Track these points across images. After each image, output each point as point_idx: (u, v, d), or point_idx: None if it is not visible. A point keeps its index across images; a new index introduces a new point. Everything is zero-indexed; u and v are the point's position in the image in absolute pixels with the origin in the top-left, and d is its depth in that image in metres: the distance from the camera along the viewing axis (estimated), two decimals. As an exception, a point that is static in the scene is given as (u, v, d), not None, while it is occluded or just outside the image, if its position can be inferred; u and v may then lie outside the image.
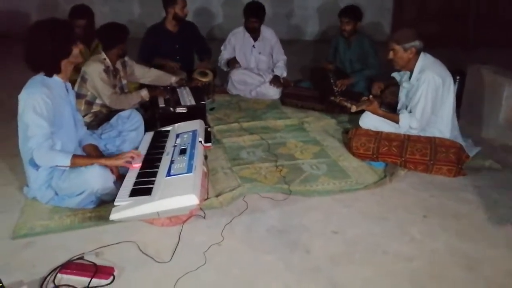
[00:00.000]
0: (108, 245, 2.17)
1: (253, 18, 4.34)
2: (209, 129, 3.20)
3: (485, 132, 3.53)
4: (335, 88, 3.92)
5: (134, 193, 2.16)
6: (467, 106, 3.76)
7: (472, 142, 3.22)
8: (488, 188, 2.80)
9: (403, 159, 2.97)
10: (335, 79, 4.05)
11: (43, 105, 2.26)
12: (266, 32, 4.49)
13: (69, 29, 2.43)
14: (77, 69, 2.97)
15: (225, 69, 4.54)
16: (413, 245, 2.26)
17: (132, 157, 2.44)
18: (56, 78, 2.41)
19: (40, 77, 2.37)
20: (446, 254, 2.19)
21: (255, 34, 4.46)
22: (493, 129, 3.47)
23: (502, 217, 2.50)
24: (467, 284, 2.00)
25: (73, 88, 2.72)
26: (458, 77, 3.81)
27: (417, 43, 2.96)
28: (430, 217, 2.50)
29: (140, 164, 2.44)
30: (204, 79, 3.98)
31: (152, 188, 2.18)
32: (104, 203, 2.49)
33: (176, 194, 2.07)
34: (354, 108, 3.19)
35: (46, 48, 2.30)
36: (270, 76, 4.41)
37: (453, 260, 2.15)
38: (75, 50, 2.40)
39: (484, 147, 3.25)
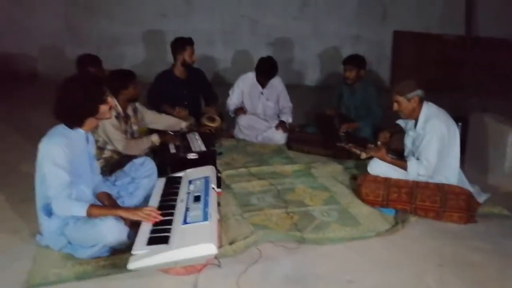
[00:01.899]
0: (122, 295, 2.14)
1: (263, 77, 4.48)
2: (219, 175, 3.21)
3: (491, 179, 3.57)
4: (340, 134, 3.99)
5: (152, 241, 2.15)
6: (471, 153, 3.83)
7: (479, 188, 3.25)
8: (500, 236, 2.81)
9: (413, 205, 2.99)
10: (340, 125, 4.13)
11: (63, 157, 2.30)
12: (274, 79, 4.57)
13: (100, 87, 2.45)
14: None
15: (231, 116, 4.62)
16: (430, 295, 2.24)
17: (150, 215, 2.35)
18: (79, 130, 2.45)
19: (61, 127, 2.41)
20: (465, 305, 2.18)
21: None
22: (499, 176, 3.53)
23: (517, 267, 2.50)
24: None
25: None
26: (460, 124, 3.89)
27: (419, 92, 3.06)
28: (444, 266, 2.49)
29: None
30: (213, 125, 4.04)
31: (169, 236, 2.17)
32: (117, 251, 2.46)
33: (194, 243, 2.06)
34: (364, 155, 3.25)
35: (75, 105, 2.34)
36: (276, 122, 4.49)
37: (472, 311, 2.13)
38: (104, 107, 2.44)
39: (491, 194, 3.28)
